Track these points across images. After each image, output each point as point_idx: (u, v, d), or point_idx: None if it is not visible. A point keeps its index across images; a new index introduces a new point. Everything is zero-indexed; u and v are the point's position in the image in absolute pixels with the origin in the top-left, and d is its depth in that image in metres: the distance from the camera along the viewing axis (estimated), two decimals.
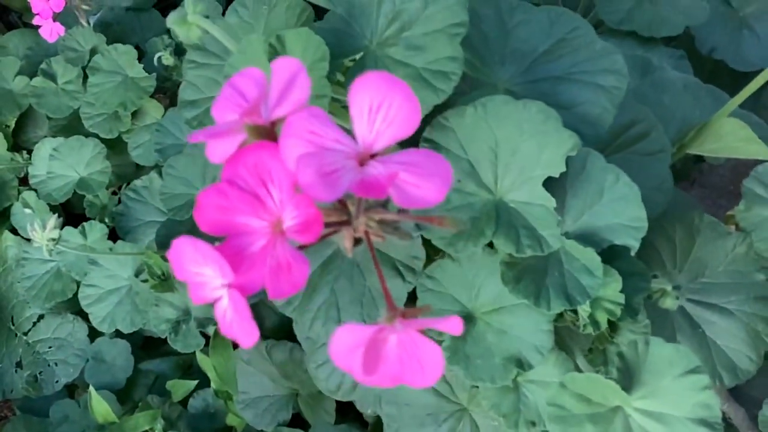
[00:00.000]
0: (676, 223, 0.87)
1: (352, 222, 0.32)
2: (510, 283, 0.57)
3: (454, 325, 0.31)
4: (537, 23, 0.68)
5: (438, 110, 0.56)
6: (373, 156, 0.30)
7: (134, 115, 1.25)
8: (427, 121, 0.56)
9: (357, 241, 0.35)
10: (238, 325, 0.31)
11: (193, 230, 0.32)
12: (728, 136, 0.78)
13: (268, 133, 0.32)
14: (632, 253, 0.61)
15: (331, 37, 0.56)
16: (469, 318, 0.62)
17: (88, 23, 1.37)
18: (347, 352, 0.31)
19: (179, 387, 1.06)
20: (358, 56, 0.56)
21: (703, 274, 0.88)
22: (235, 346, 0.98)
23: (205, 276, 0.31)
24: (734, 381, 0.80)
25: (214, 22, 0.75)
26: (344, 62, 0.56)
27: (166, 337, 0.97)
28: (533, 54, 0.67)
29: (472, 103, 0.56)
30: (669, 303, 0.70)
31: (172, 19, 0.58)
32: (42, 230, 0.87)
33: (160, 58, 1.19)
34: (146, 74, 1.20)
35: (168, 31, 1.41)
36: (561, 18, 0.68)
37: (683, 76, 0.93)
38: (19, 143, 1.33)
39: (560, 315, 0.63)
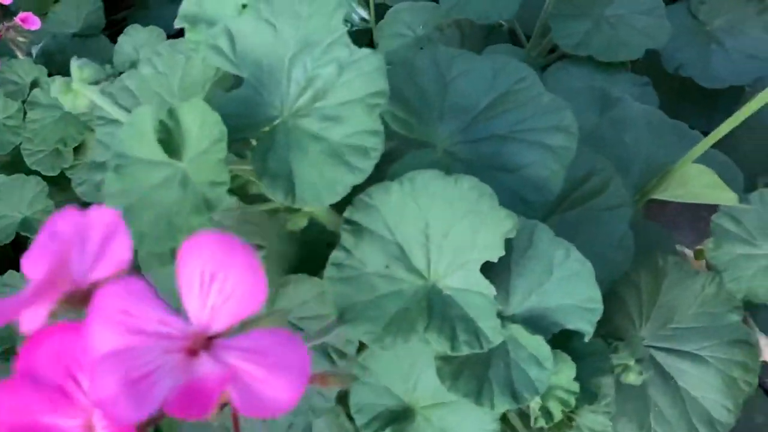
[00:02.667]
0: (639, 268, 0.82)
1: None
2: (447, 380, 0.50)
3: None
4: (479, 74, 0.61)
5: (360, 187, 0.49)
6: (210, 339, 0.23)
7: (77, 150, 1.18)
8: (348, 199, 0.49)
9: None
10: None
11: None
12: (693, 182, 0.73)
13: (85, 299, 0.25)
14: (586, 339, 0.54)
15: (238, 106, 0.49)
16: (406, 413, 0.55)
17: (30, 54, 1.30)
18: None
19: None
20: (267, 129, 0.49)
21: (673, 320, 0.83)
22: None
23: None
24: None
25: (129, 76, 0.68)
26: (257, 133, 0.49)
27: None
28: (475, 109, 0.60)
29: (398, 178, 0.50)
30: (632, 378, 0.63)
31: (55, 88, 0.51)
32: None
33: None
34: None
35: (111, 59, 1.34)
36: (505, 68, 0.61)
37: (646, 110, 0.87)
38: None
39: None
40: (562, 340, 0.55)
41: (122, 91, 0.65)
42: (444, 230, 0.49)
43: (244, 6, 0.49)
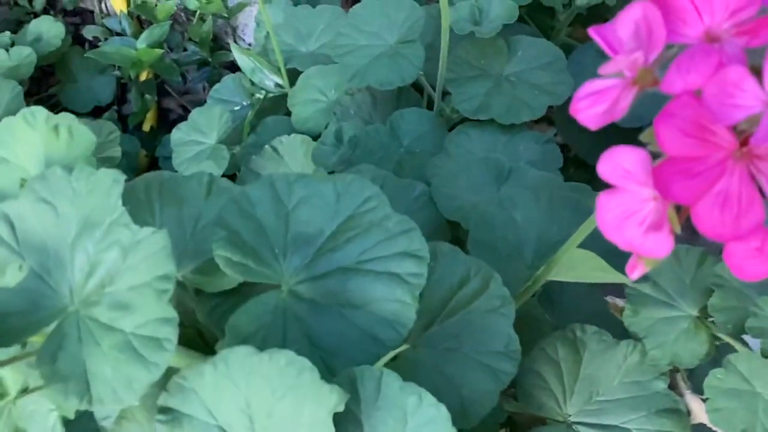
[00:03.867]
0: (555, 342, 0.78)
1: None
2: None
3: None
4: (321, 199, 0.57)
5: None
6: None
7: None
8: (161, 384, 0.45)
9: None
10: None
11: None
12: (581, 266, 0.69)
13: None
14: None
15: (21, 300, 0.45)
16: None
17: None
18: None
19: None
20: (56, 323, 0.44)
21: (598, 392, 0.79)
22: None
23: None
24: None
25: None
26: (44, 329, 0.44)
27: None
28: (319, 239, 0.56)
29: (211, 359, 0.45)
30: None
31: None
32: None
33: None
34: None
35: None
36: (349, 189, 0.57)
37: (542, 178, 0.83)
38: None
39: None
40: None
41: None
42: (267, 409, 0.45)
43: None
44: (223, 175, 1.17)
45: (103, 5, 1.79)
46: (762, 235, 0.35)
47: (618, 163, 0.35)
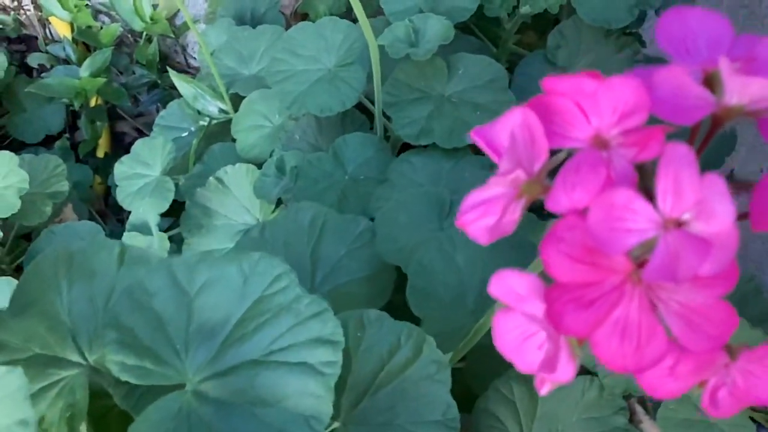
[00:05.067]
0: (510, 381, 0.74)
1: None
2: None
3: None
4: (226, 282, 0.52)
5: None
6: None
7: None
8: None
9: None
10: None
11: None
12: None
13: None
14: None
15: None
16: None
17: None
18: None
19: None
20: None
21: (557, 430, 0.76)
22: None
23: None
24: None
25: None
26: None
27: None
28: (225, 328, 0.51)
29: None
30: None
31: None
32: None
33: None
34: None
35: None
36: (256, 269, 0.52)
37: None
38: None
39: None
40: None
41: None
42: None
43: None
44: (175, 202, 1.12)
45: (47, 31, 1.73)
46: (674, 355, 0.31)
47: (509, 287, 0.31)
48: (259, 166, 1.06)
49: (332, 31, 1.00)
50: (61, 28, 1.61)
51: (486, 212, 0.31)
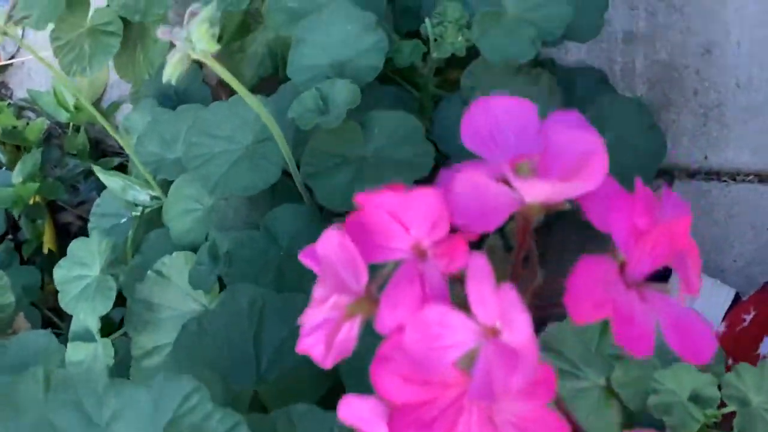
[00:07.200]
0: None
1: None
2: None
3: None
4: (136, 409, 0.50)
5: None
6: None
7: None
8: None
9: None
10: None
11: None
12: None
13: None
14: None
15: None
16: None
17: None
18: None
19: None
20: None
21: None
22: None
23: None
24: None
25: None
26: None
27: None
28: None
29: None
30: None
31: None
32: None
33: None
34: None
35: None
36: (165, 391, 0.51)
37: None
38: None
39: None
40: None
41: None
42: None
43: None
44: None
45: None
46: None
47: (354, 412, 0.30)
48: (197, 250, 1.05)
49: (245, 108, 0.99)
50: None
51: (322, 336, 0.31)
